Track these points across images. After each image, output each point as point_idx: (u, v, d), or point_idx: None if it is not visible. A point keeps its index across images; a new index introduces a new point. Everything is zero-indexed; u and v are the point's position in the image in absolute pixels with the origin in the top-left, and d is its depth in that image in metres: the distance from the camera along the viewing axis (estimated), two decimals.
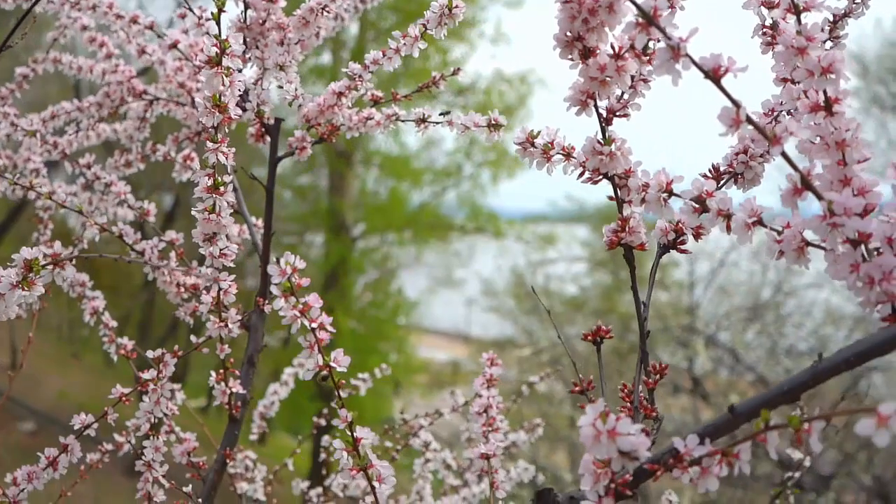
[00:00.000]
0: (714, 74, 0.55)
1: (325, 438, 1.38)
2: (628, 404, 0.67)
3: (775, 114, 0.75)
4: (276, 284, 0.66)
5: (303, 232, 11.95)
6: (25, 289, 0.73)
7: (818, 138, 0.58)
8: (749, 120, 0.54)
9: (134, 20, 1.16)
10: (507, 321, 10.45)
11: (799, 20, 0.63)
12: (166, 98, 1.29)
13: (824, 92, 0.58)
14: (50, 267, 0.70)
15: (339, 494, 1.48)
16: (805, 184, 0.55)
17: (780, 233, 0.59)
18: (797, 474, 1.14)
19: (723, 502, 6.46)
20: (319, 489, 1.64)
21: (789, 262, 0.59)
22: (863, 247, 0.57)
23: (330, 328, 0.68)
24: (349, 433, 0.70)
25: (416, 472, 1.43)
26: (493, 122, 0.92)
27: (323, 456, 1.60)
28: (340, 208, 11.30)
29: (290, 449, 1.78)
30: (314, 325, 0.67)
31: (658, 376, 0.66)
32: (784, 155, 0.55)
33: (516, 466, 1.41)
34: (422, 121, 1.01)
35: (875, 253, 0.56)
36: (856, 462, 5.93)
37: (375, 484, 0.69)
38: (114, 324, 1.17)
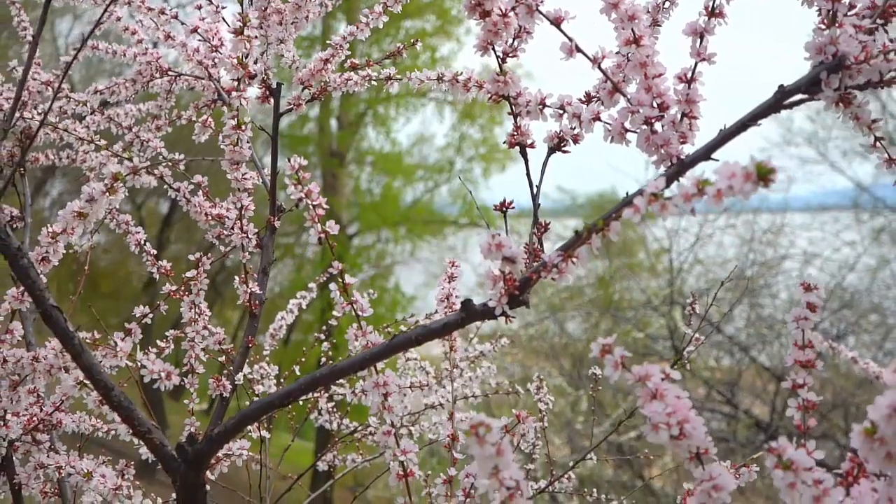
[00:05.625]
0: (556, 21, 0.87)
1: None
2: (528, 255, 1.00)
3: None
4: (287, 175, 0.99)
5: (299, 232, 12.28)
6: (111, 194, 1.05)
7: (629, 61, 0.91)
8: (577, 48, 0.87)
9: (161, 11, 1.48)
10: None
11: None
12: (188, 74, 1.61)
13: (632, 31, 0.90)
14: (131, 175, 1.02)
15: None
16: (615, 88, 0.88)
17: (610, 125, 0.92)
18: (689, 349, 1.46)
19: None
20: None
21: (616, 142, 0.91)
22: (659, 126, 0.89)
23: (325, 205, 1.00)
24: (341, 280, 1.03)
25: (399, 369, 1.76)
26: (440, 75, 1.24)
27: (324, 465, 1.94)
28: (335, 207, 11.62)
29: (292, 446, 2.08)
30: (314, 203, 1.00)
31: (544, 230, 0.99)
32: (601, 70, 0.88)
33: (480, 367, 1.74)
34: (388, 79, 1.34)
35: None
36: (830, 421, 6.28)
37: (359, 312, 1.02)
38: (154, 251, 1.49)
